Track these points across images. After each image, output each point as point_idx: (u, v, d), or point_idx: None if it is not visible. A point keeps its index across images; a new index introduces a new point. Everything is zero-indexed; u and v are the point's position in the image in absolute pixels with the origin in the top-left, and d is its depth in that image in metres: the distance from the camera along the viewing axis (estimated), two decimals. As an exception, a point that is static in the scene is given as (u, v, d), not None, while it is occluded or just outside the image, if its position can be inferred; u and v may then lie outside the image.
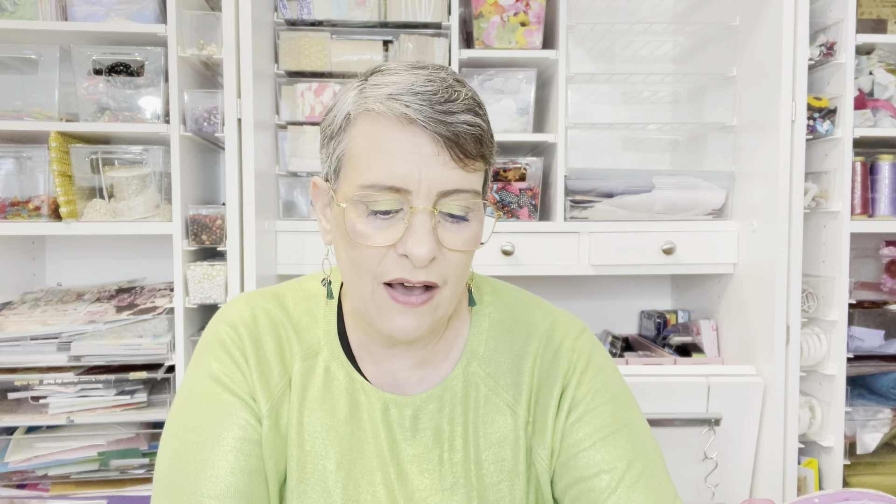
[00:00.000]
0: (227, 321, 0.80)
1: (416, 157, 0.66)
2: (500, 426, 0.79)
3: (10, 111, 1.56)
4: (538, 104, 1.85)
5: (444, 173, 0.67)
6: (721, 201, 1.76)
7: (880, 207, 1.68)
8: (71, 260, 1.90)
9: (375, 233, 0.68)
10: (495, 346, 0.81)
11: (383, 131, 0.67)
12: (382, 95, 0.67)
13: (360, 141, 0.69)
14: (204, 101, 1.55)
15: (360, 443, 0.78)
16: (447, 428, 0.79)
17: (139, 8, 1.56)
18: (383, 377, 0.80)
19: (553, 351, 0.81)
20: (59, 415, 1.50)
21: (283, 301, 0.82)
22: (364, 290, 0.71)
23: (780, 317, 1.58)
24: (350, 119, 0.70)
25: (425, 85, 0.67)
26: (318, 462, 0.77)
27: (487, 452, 0.79)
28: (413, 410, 0.78)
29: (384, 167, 0.67)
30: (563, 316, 0.85)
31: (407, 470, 0.78)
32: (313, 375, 0.79)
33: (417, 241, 0.67)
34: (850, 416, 1.66)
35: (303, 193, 1.76)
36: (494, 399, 0.80)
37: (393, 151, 0.67)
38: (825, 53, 1.62)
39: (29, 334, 1.49)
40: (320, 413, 0.78)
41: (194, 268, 1.54)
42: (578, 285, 2.06)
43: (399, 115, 0.66)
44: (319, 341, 0.80)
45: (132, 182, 1.58)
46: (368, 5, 1.67)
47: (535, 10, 1.71)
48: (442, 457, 0.78)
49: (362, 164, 0.68)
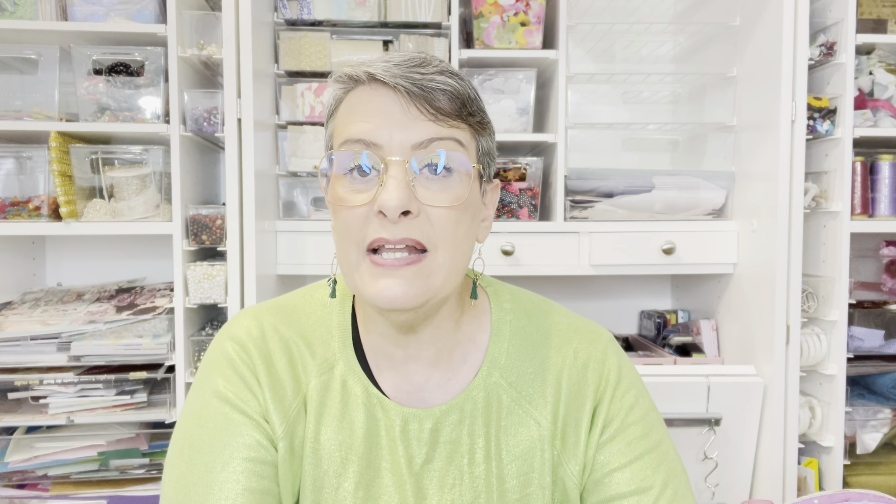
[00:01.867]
0: (233, 337, 0.77)
1: (384, 113, 0.68)
2: (523, 438, 0.76)
3: (10, 111, 1.56)
4: (538, 104, 1.85)
5: (416, 125, 0.67)
6: (721, 201, 1.76)
7: (880, 207, 1.68)
8: (71, 260, 1.90)
9: (353, 195, 0.68)
10: (517, 355, 0.79)
11: (356, 97, 0.70)
12: (353, 65, 0.70)
13: (340, 115, 0.71)
14: (204, 101, 1.55)
15: (378, 461, 0.75)
16: (468, 440, 0.76)
17: (139, 8, 1.56)
18: (402, 384, 0.77)
19: (582, 363, 0.79)
20: (59, 415, 1.50)
21: (292, 315, 0.79)
22: (350, 261, 0.70)
23: (780, 317, 1.58)
24: (335, 99, 0.72)
25: (400, 57, 0.70)
26: (336, 482, 0.75)
27: (510, 466, 0.76)
28: (433, 423, 0.75)
29: (355, 126, 0.68)
30: (588, 325, 0.83)
31: (426, 486, 0.75)
32: (330, 391, 0.76)
33: (387, 193, 0.65)
34: (850, 416, 1.66)
35: (303, 193, 1.76)
36: (517, 410, 0.77)
37: (364, 111, 0.69)
38: (825, 53, 1.62)
39: (29, 334, 1.49)
40: (337, 431, 0.75)
41: (194, 268, 1.54)
42: (578, 285, 2.06)
43: (367, 76, 0.68)
44: (335, 353, 0.78)
45: (132, 182, 1.58)
46: (368, 5, 1.67)
47: (535, 10, 1.71)
48: (462, 471, 0.76)
49: (339, 130, 0.71)
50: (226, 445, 0.72)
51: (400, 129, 0.67)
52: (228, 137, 1.51)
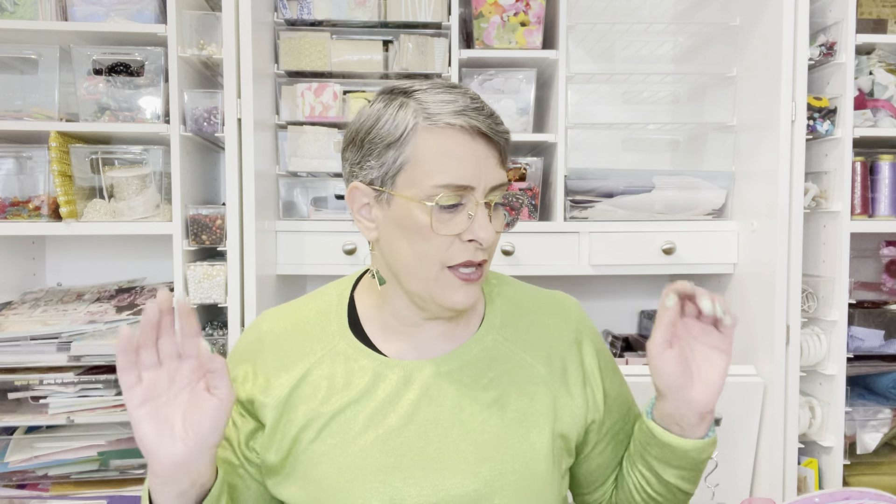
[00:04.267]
0: (240, 346, 0.96)
1: (477, 160, 0.81)
2: (519, 377, 0.90)
3: (10, 111, 1.56)
4: (538, 104, 1.85)
5: (494, 172, 0.83)
6: (721, 201, 1.76)
7: (880, 207, 1.68)
8: (71, 260, 1.90)
9: (443, 225, 0.81)
10: (510, 317, 0.94)
11: (452, 140, 0.80)
12: (450, 112, 0.80)
13: (430, 149, 0.80)
14: (204, 101, 1.55)
15: (387, 409, 0.86)
16: (469, 382, 0.89)
17: (139, 8, 1.56)
18: (407, 350, 0.90)
19: (563, 318, 0.96)
20: (59, 415, 1.50)
21: (296, 309, 0.95)
22: (429, 274, 0.83)
23: (780, 317, 1.58)
24: (415, 130, 0.81)
25: (475, 102, 0.83)
26: (350, 425, 0.86)
27: (515, 402, 0.89)
28: (434, 368, 0.88)
29: (454, 169, 0.80)
30: (557, 293, 1.02)
31: (437, 418, 0.86)
32: (334, 361, 0.89)
33: (483, 227, 0.81)
34: (850, 416, 1.66)
35: (303, 193, 1.76)
36: (513, 357, 0.91)
37: (461, 156, 0.80)
38: (825, 53, 1.62)
39: (29, 334, 1.49)
40: (344, 396, 0.87)
41: (194, 268, 1.54)
42: (578, 285, 2.05)
43: (470, 126, 0.80)
44: (333, 336, 0.91)
45: (132, 182, 1.58)
46: (368, 5, 1.67)
47: (535, 10, 1.71)
48: (462, 408, 0.87)
49: (432, 167, 0.80)
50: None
51: (486, 174, 0.82)
52: (228, 137, 1.51)
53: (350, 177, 0.87)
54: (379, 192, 0.84)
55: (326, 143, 1.69)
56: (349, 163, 0.86)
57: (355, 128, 0.85)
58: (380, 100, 0.85)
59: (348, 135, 0.87)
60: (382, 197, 0.83)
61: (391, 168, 0.82)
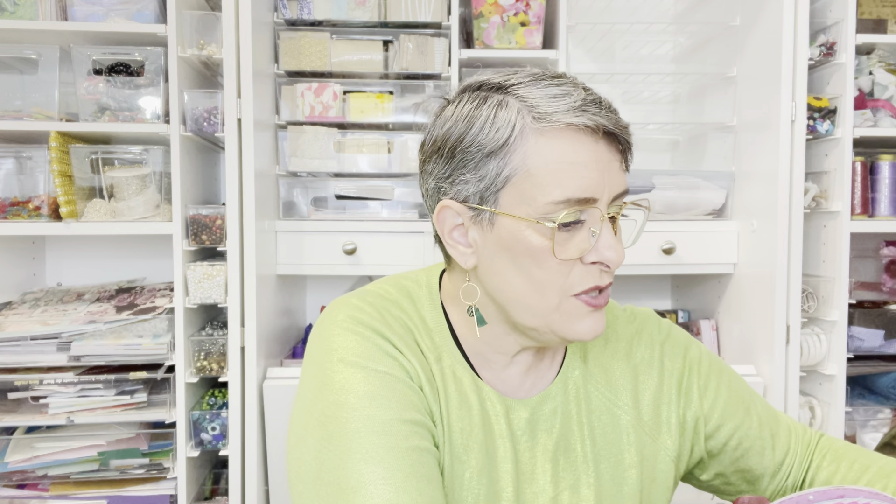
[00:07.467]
0: (349, 318, 0.73)
1: (600, 165, 0.67)
2: (608, 422, 0.80)
3: (10, 111, 1.56)
4: (538, 104, 1.84)
5: (618, 177, 0.69)
6: (721, 201, 1.76)
7: (880, 207, 1.68)
8: (71, 260, 1.90)
9: (562, 247, 0.67)
10: (592, 351, 0.83)
11: (572, 144, 0.66)
12: (566, 109, 0.66)
13: (544, 156, 0.66)
14: (204, 101, 1.55)
15: (495, 450, 0.76)
16: (561, 429, 0.79)
17: (139, 8, 1.56)
18: (499, 384, 0.78)
19: (647, 342, 0.85)
20: (59, 415, 1.50)
21: (393, 298, 0.78)
22: (548, 304, 0.70)
23: (780, 317, 1.58)
24: (523, 135, 0.67)
25: (590, 94, 0.68)
26: (462, 465, 0.74)
27: (605, 449, 0.79)
28: (530, 413, 0.77)
29: (577, 180, 0.66)
30: (636, 309, 0.90)
31: (533, 471, 0.77)
32: (445, 376, 0.76)
33: (612, 247, 0.68)
34: (850, 416, 1.66)
35: (302, 193, 1.76)
36: (600, 398, 0.81)
37: (584, 163, 0.66)
38: (825, 53, 1.62)
39: (29, 334, 1.49)
40: (459, 414, 0.75)
41: (194, 268, 1.54)
42: (578, 285, 2.06)
43: (595, 125, 0.66)
44: (438, 346, 0.77)
45: (132, 182, 1.58)
46: (368, 5, 1.67)
47: (535, 10, 1.71)
48: (557, 457, 0.78)
49: (548, 179, 0.66)
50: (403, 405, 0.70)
51: (611, 181, 0.68)
52: (228, 137, 1.51)
53: (437, 193, 0.72)
54: (478, 211, 0.70)
55: (326, 143, 1.69)
56: (435, 177, 0.72)
57: (440, 134, 0.71)
58: (468, 99, 0.71)
59: (431, 143, 0.73)
60: (483, 216, 0.69)
61: (494, 182, 0.68)
